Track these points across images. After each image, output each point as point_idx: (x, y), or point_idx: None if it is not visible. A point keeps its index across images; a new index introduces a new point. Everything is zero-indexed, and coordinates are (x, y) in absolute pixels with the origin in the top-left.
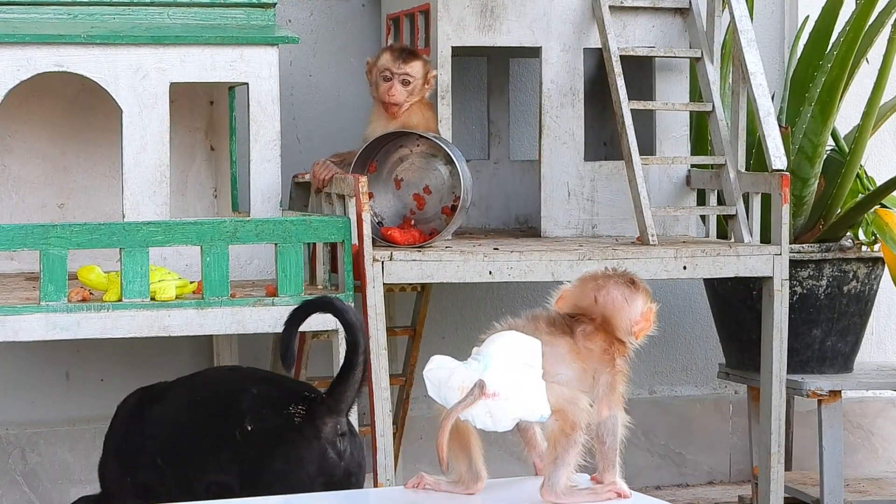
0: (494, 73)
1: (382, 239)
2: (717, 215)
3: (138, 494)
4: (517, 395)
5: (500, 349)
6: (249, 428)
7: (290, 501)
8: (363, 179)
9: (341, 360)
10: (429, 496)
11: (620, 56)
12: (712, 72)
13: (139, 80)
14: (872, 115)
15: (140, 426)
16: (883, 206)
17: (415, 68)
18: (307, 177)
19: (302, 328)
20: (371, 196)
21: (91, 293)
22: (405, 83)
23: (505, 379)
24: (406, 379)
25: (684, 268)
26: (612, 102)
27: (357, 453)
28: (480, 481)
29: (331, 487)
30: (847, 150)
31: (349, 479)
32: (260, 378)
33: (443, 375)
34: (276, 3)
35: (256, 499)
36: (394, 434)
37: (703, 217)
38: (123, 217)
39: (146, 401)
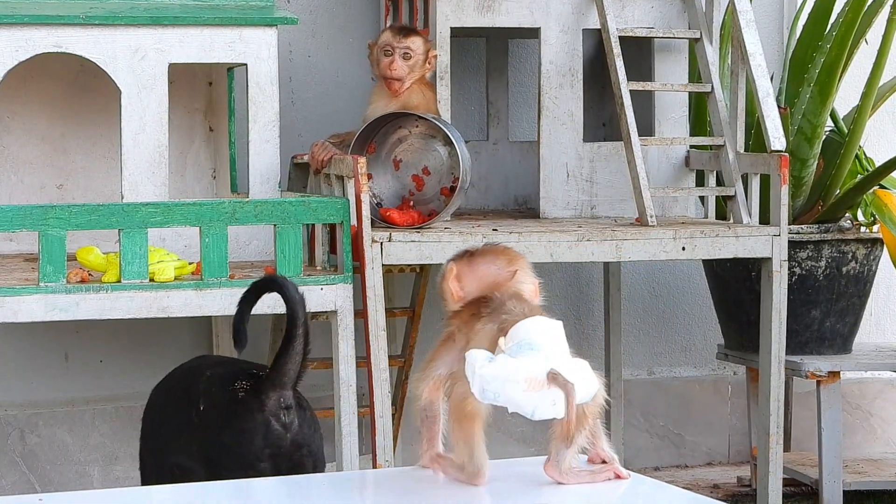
0: (493, 53)
1: (381, 220)
2: (716, 196)
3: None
4: (579, 380)
5: (544, 335)
6: (202, 408)
7: (282, 483)
8: (362, 160)
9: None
10: (427, 479)
11: (619, 37)
12: (711, 53)
13: (138, 60)
14: (871, 95)
15: (145, 411)
16: (882, 186)
17: (415, 43)
18: (306, 158)
19: None
20: (370, 177)
21: (90, 274)
22: (406, 57)
23: (568, 366)
24: (405, 360)
25: (683, 249)
26: (611, 83)
27: (307, 426)
28: (482, 476)
29: (279, 459)
30: (846, 131)
31: (299, 450)
32: (216, 362)
33: (501, 371)
34: None
35: (252, 480)
36: (393, 415)
37: (702, 198)
38: (122, 198)
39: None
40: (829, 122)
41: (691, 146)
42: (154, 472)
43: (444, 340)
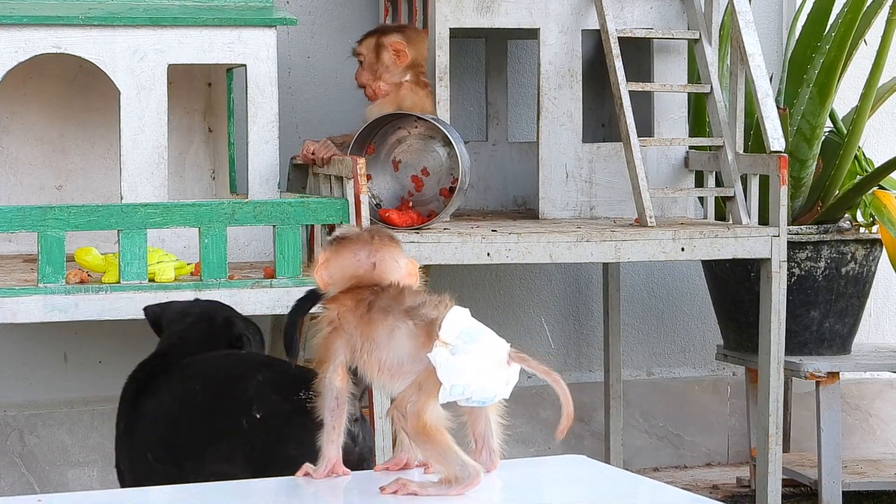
0: (493, 54)
1: (380, 221)
2: (716, 197)
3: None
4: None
5: (473, 320)
6: (258, 416)
7: (282, 484)
8: (361, 161)
9: None
10: (428, 479)
11: (619, 37)
12: (710, 53)
13: (137, 61)
14: (870, 96)
15: (134, 420)
16: (881, 187)
17: (362, 46)
18: (299, 159)
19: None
20: (369, 178)
21: (89, 275)
22: (361, 63)
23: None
24: None
25: (682, 249)
26: (610, 84)
27: (368, 438)
28: (481, 474)
29: None
30: (845, 132)
31: (362, 464)
32: (261, 364)
33: (472, 362)
34: None
35: (252, 480)
36: None
37: (701, 199)
38: (121, 199)
39: (140, 390)
40: (829, 123)
41: (690, 147)
42: (182, 481)
43: (332, 330)
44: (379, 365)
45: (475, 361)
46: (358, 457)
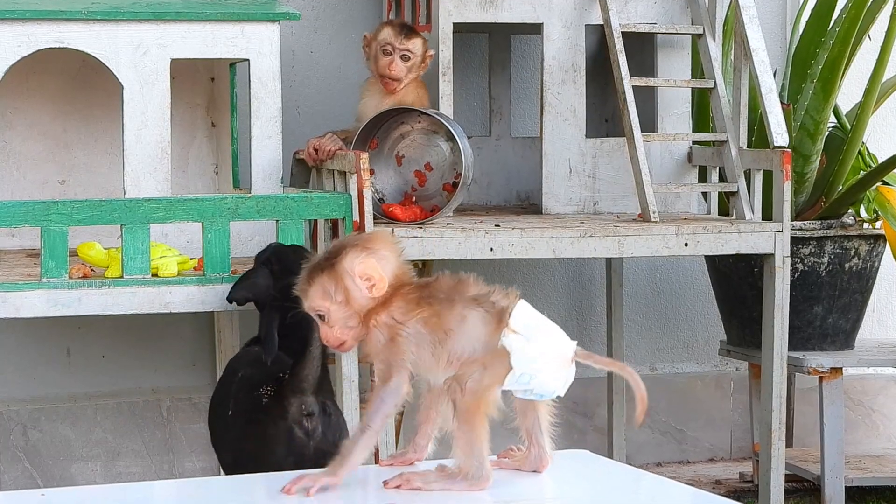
0: (496, 49)
1: (384, 216)
2: (719, 192)
3: None
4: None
5: (541, 316)
6: (230, 412)
7: (283, 479)
8: (364, 156)
9: None
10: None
11: (622, 32)
12: (714, 48)
13: (140, 56)
14: (874, 92)
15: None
16: (885, 183)
17: (416, 45)
18: (302, 155)
19: None
20: (372, 173)
21: (92, 270)
22: (405, 59)
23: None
24: None
25: (686, 245)
26: (613, 79)
27: (331, 434)
28: (490, 481)
29: (303, 467)
30: (849, 127)
31: (323, 458)
32: (251, 360)
33: (541, 350)
34: None
35: (253, 475)
36: None
37: (704, 194)
38: (125, 193)
39: None
40: (832, 119)
41: (694, 142)
42: (219, 462)
43: (396, 335)
44: (449, 355)
45: (546, 352)
46: (315, 451)
